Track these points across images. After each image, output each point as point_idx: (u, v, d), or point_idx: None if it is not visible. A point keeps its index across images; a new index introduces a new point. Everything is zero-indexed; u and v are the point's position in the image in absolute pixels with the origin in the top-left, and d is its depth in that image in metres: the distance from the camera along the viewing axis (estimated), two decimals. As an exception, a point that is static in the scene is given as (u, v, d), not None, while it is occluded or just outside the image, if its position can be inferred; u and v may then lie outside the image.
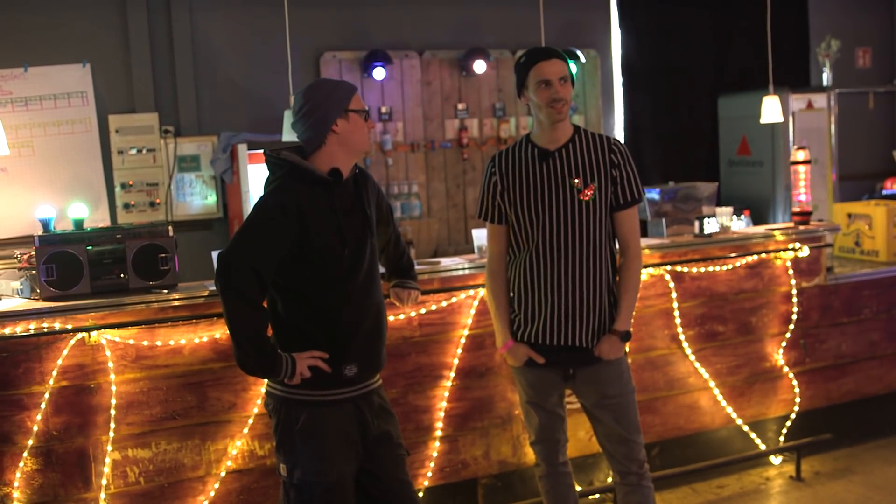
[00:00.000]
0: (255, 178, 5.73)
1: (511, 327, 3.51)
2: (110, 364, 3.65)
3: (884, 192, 7.81)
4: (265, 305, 3.01)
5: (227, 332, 2.94)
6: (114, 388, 3.66)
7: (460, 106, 7.05)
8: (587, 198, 3.34)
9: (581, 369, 3.44)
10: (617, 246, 3.51)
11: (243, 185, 5.66)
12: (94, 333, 3.60)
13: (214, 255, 3.97)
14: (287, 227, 2.88)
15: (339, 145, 3.00)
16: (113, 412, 3.66)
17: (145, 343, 3.70)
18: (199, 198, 6.28)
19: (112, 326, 3.64)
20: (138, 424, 3.72)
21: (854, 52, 8.38)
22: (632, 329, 3.50)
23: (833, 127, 7.30)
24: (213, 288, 3.77)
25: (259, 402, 3.87)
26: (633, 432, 3.49)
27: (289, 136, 4.76)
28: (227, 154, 5.90)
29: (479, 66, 6.88)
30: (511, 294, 3.52)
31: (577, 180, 3.34)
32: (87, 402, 3.65)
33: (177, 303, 3.74)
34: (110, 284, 3.72)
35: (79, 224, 3.87)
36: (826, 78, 7.58)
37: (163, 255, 3.78)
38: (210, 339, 3.78)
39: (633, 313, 3.51)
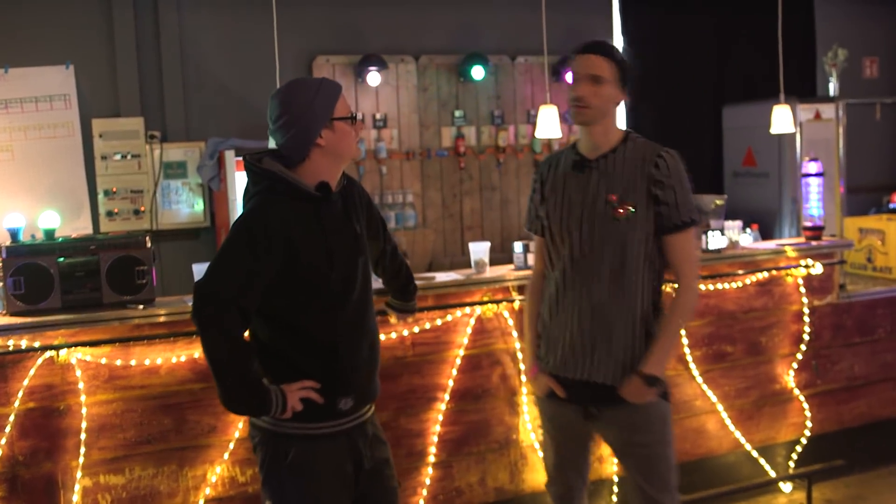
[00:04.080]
0: (243, 185, 5.50)
1: (538, 352, 3.15)
2: (81, 384, 3.43)
3: (891, 206, 7.60)
4: (248, 336, 2.75)
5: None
6: (84, 410, 3.44)
7: (457, 113, 6.83)
8: (621, 216, 2.92)
9: (605, 408, 2.99)
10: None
11: (230, 193, 5.43)
12: (63, 352, 3.38)
13: (195, 268, 3.78)
14: (272, 253, 2.59)
15: (325, 157, 2.71)
16: (83, 436, 3.44)
17: (119, 362, 3.47)
18: (185, 206, 6.05)
19: (84, 344, 3.42)
20: (111, 449, 3.50)
21: (861, 62, 8.19)
22: (663, 376, 2.97)
23: (841, 138, 7.09)
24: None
25: (241, 425, 3.64)
26: (660, 490, 3.00)
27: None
28: (215, 161, 5.68)
29: (478, 72, 6.67)
30: (541, 314, 3.16)
31: (613, 196, 2.92)
32: (56, 425, 3.42)
33: (153, 319, 3.52)
34: (82, 299, 3.50)
35: (50, 234, 3.65)
36: (833, 88, 7.38)
37: (140, 267, 3.56)
38: (189, 359, 3.55)
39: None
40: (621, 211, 2.91)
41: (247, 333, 2.71)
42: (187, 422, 3.60)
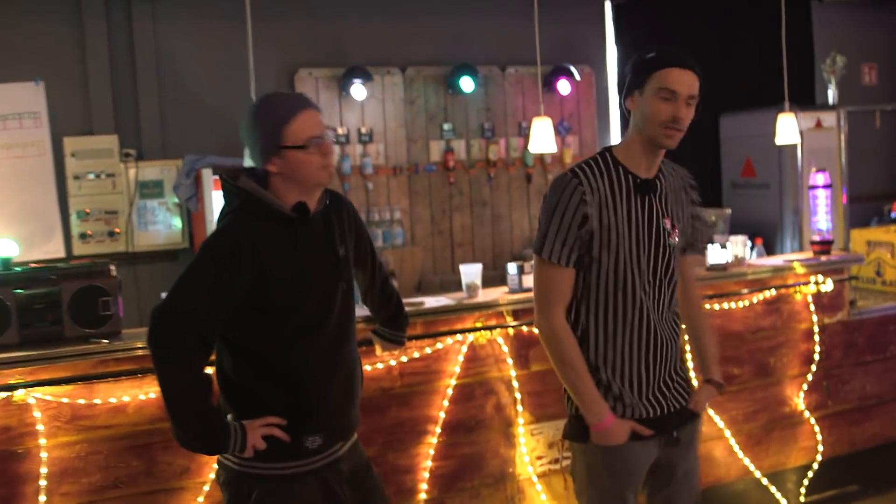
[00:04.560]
0: (220, 205, 5.24)
1: (605, 399, 2.73)
2: (40, 426, 3.15)
3: (893, 215, 7.40)
4: (209, 366, 2.52)
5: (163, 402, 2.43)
6: (44, 453, 3.16)
7: (446, 126, 6.61)
8: (674, 241, 2.72)
9: (682, 429, 2.81)
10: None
11: (209, 214, 5.18)
12: (21, 391, 3.10)
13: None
14: (239, 277, 2.38)
15: (285, 183, 2.49)
16: (44, 482, 3.15)
17: (82, 401, 3.19)
18: (162, 227, 5.81)
19: (44, 383, 3.13)
20: (74, 495, 3.21)
21: (860, 69, 8.00)
22: None
23: (843, 146, 6.88)
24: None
25: (215, 465, 3.38)
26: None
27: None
28: (192, 179, 5.44)
29: (467, 84, 6.44)
30: (596, 363, 2.73)
31: (667, 220, 2.69)
32: (13, 471, 3.14)
33: (120, 354, 3.24)
34: (42, 333, 3.22)
35: (6, 263, 3.37)
36: (832, 95, 7.18)
37: (104, 298, 3.28)
38: (158, 396, 3.28)
39: None
40: (675, 235, 2.73)
41: (211, 370, 2.50)
42: (158, 463, 3.32)
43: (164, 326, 2.38)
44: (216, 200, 5.19)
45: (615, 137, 7.17)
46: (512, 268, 3.99)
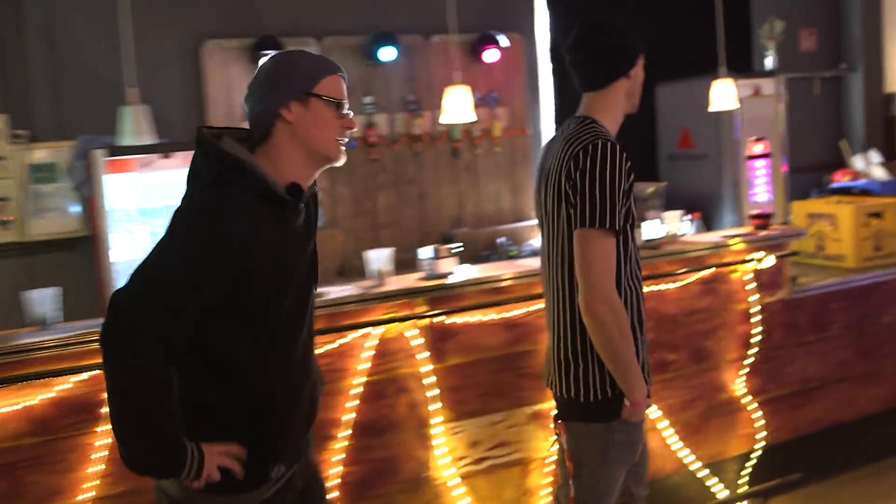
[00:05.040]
0: (115, 190, 4.76)
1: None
2: None
3: (832, 186, 7.21)
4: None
5: (112, 415, 1.95)
6: None
7: (367, 99, 6.24)
8: None
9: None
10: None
11: (98, 199, 4.72)
12: None
13: (28, 296, 3.15)
14: (223, 270, 1.95)
15: (292, 140, 2.09)
16: None
17: (-71, 418, 2.82)
18: (59, 213, 5.37)
19: None
20: (-75, 525, 2.85)
21: (798, 34, 7.76)
22: None
23: (783, 115, 6.65)
24: (24, 340, 2.93)
25: (91, 483, 3.01)
26: None
27: (128, 138, 3.88)
28: (85, 161, 5.00)
29: (388, 54, 6.08)
30: (636, 334, 2.63)
31: None
32: None
33: (-28, 362, 2.86)
34: None
35: None
36: (770, 62, 6.94)
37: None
38: (23, 408, 2.91)
39: None
40: None
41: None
42: (23, 484, 2.95)
43: (126, 325, 1.91)
44: (109, 185, 4.74)
45: (546, 108, 6.85)
46: (426, 252, 3.66)
